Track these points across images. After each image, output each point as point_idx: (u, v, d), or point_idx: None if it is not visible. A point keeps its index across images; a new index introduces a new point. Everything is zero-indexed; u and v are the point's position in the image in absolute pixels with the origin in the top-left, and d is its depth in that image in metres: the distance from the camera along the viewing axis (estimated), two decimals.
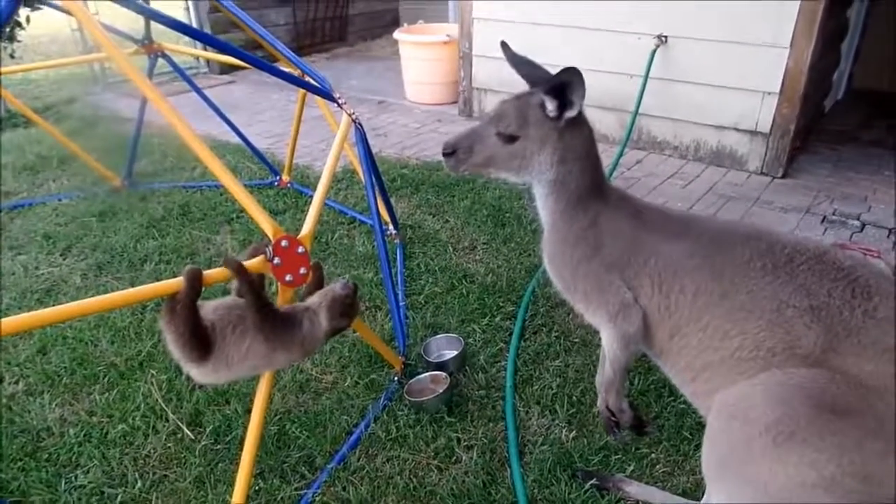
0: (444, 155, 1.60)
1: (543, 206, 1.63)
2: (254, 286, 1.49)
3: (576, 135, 1.54)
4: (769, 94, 4.00)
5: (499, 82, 5.01)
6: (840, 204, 3.78)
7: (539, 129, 1.53)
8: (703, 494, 1.77)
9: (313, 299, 1.63)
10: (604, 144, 4.71)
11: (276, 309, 1.55)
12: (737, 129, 4.23)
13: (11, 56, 5.27)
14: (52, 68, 5.82)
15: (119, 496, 1.89)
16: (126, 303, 1.48)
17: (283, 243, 1.57)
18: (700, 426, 1.92)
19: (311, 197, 3.66)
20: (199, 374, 1.51)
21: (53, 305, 1.35)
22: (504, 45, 1.69)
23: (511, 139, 1.55)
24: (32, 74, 6.30)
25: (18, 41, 5.31)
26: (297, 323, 1.55)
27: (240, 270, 1.48)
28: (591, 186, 1.58)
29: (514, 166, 1.58)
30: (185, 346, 1.42)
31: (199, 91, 3.79)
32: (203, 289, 1.43)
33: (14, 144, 4.69)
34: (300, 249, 1.60)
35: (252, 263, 1.54)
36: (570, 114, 1.49)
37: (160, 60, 3.62)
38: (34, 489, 1.90)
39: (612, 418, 1.68)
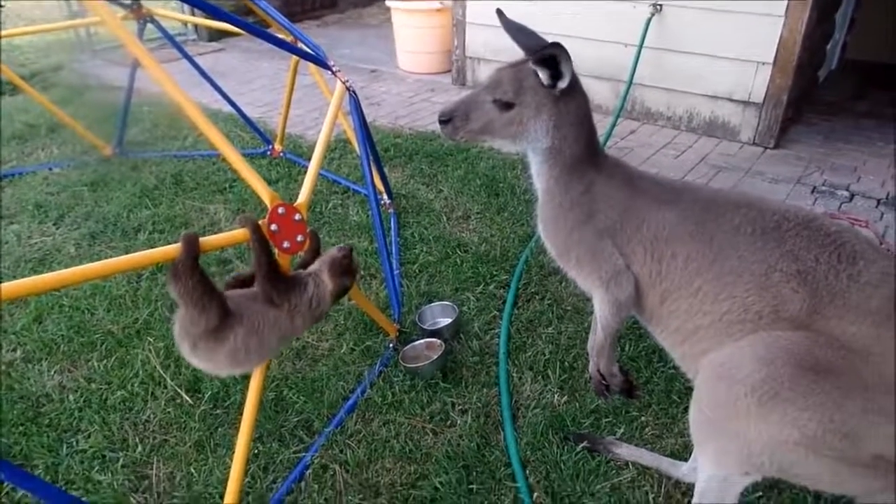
0: (441, 122, 1.61)
1: (538, 174, 1.64)
2: (267, 246, 1.51)
3: (571, 103, 1.55)
4: (763, 63, 3.99)
5: (492, 51, 4.97)
6: (830, 175, 3.81)
7: (535, 97, 1.54)
8: (690, 455, 1.83)
9: (313, 266, 1.65)
10: (597, 114, 4.67)
11: (283, 273, 1.57)
12: (730, 100, 4.23)
13: None
14: (37, 34, 5.69)
15: (120, 460, 1.93)
16: (123, 269, 1.48)
17: (280, 210, 1.58)
18: (688, 391, 1.98)
19: (304, 166, 3.68)
20: (227, 357, 1.47)
21: (48, 273, 1.36)
22: (500, 12, 1.69)
23: (507, 106, 1.56)
24: (17, 40, 6.16)
25: (2, 6, 5.19)
26: (304, 285, 1.57)
27: (256, 229, 1.50)
28: (585, 154, 1.59)
29: (509, 133, 1.59)
30: (200, 306, 1.41)
31: (189, 58, 3.73)
32: (200, 255, 1.44)
33: (2, 112, 4.61)
34: (297, 217, 1.61)
35: (241, 233, 1.55)
36: (563, 84, 1.51)
37: (147, 27, 3.56)
38: (36, 453, 1.93)
39: (603, 382, 1.73)
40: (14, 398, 2.13)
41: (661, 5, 4.18)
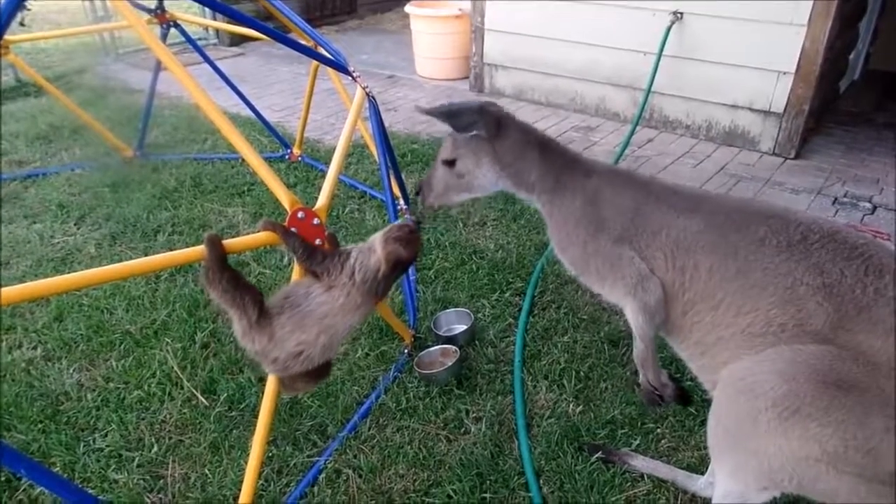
0: (415, 196, 1.79)
1: (537, 205, 1.72)
2: (293, 233, 1.53)
3: (505, 137, 1.64)
4: (784, 73, 3.96)
5: (511, 58, 4.97)
6: (852, 186, 3.76)
7: (467, 146, 1.67)
8: (707, 469, 1.81)
9: (373, 237, 1.61)
10: (615, 122, 4.68)
11: (318, 248, 1.56)
12: (750, 109, 4.20)
13: (22, 24, 5.24)
14: (62, 37, 5.79)
15: (136, 459, 1.94)
16: (144, 271, 1.50)
17: (300, 215, 1.58)
18: (705, 403, 1.94)
19: (322, 171, 3.70)
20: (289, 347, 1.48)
21: (69, 273, 1.38)
22: (420, 108, 1.75)
23: (451, 163, 1.70)
24: (42, 43, 6.26)
25: (28, 9, 5.27)
26: (346, 254, 1.54)
27: (280, 227, 1.53)
28: (557, 169, 1.65)
29: (464, 185, 1.72)
30: (237, 304, 1.43)
31: (211, 63, 3.78)
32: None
33: (26, 113, 4.70)
34: (316, 221, 1.62)
35: (263, 236, 1.56)
36: (469, 134, 1.64)
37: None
38: (54, 451, 1.95)
39: (655, 392, 1.70)
40: (34, 395, 2.16)
41: (681, 13, 4.16)
